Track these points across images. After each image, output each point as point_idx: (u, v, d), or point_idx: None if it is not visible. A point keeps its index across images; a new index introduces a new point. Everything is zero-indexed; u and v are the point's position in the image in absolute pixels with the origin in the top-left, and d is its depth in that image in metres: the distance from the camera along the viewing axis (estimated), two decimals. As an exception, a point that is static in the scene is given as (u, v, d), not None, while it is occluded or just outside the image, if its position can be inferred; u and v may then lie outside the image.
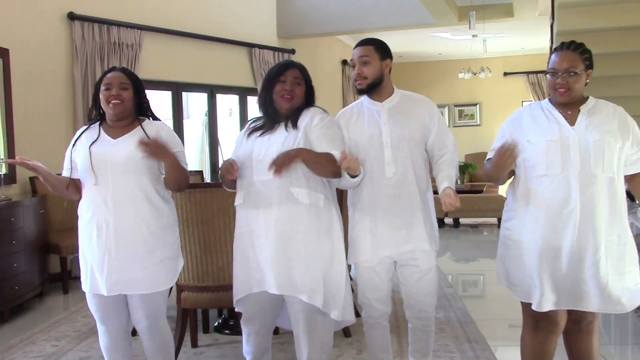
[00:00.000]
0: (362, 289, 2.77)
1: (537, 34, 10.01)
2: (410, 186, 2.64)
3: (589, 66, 2.45)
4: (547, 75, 2.47)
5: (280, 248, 2.54)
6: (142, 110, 2.74)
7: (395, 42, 10.96)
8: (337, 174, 2.52)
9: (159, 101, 7.34)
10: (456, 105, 13.53)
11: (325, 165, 2.49)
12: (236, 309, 2.77)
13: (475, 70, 11.32)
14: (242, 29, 8.07)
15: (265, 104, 2.65)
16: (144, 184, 2.59)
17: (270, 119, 2.63)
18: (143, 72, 6.46)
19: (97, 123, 2.70)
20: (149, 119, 2.75)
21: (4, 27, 5.29)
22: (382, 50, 2.66)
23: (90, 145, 2.61)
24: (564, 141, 2.40)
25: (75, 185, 2.68)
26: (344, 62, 10.89)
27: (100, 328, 2.75)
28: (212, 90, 7.76)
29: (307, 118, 2.60)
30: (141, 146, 2.45)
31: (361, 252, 2.70)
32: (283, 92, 2.60)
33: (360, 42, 2.68)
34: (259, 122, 2.70)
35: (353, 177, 2.54)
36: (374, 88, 2.66)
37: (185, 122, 7.60)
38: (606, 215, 2.38)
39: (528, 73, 12.83)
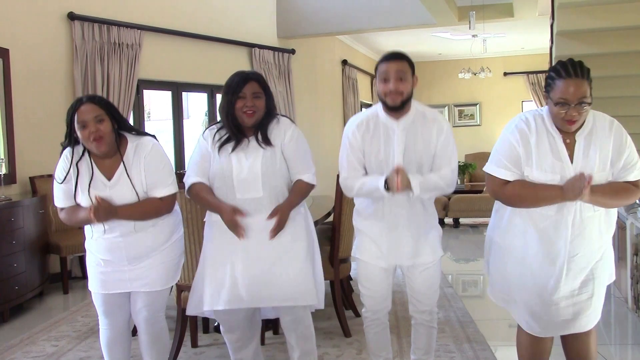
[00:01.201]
0: (364, 283, 2.80)
1: (537, 34, 10.01)
2: (415, 202, 2.68)
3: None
4: (553, 105, 2.28)
5: (275, 259, 2.65)
6: (124, 128, 2.66)
7: (395, 42, 10.98)
8: (310, 191, 2.77)
9: (159, 101, 7.35)
10: (456, 105, 13.54)
11: (301, 200, 2.75)
12: (208, 315, 2.87)
13: (475, 70, 11.32)
14: (242, 29, 8.07)
15: (228, 118, 2.66)
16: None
17: (235, 134, 2.66)
18: (143, 72, 6.46)
19: (85, 151, 2.61)
20: (133, 133, 2.68)
21: (4, 27, 5.29)
22: (412, 66, 2.63)
23: (89, 188, 2.57)
24: (563, 182, 2.30)
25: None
26: (344, 62, 10.89)
27: (103, 322, 2.78)
28: (212, 90, 7.75)
29: (281, 133, 2.68)
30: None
31: (366, 250, 2.76)
32: (245, 109, 2.60)
33: (394, 56, 2.61)
34: (224, 133, 2.69)
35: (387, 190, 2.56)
36: (405, 105, 2.62)
37: (185, 122, 7.61)
38: (597, 246, 2.39)
39: (528, 73, 12.84)
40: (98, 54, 6.01)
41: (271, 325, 3.82)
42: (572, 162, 2.32)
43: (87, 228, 2.67)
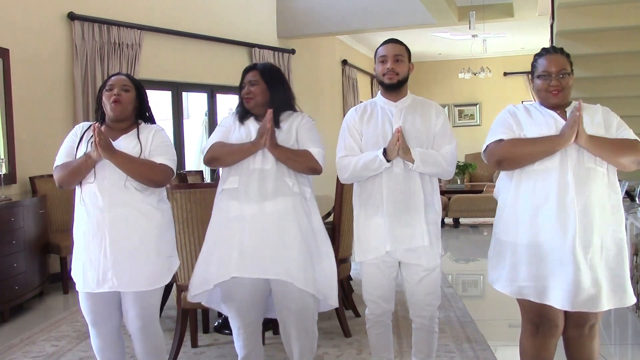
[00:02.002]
0: (366, 286, 2.80)
1: (537, 34, 10.01)
2: (415, 184, 2.69)
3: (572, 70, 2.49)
4: (537, 80, 2.48)
5: (277, 236, 2.65)
6: (144, 116, 2.79)
7: (395, 42, 10.95)
8: (313, 170, 2.72)
9: (159, 101, 7.35)
10: (456, 105, 13.55)
11: (298, 161, 2.70)
12: (208, 304, 2.88)
13: (475, 70, 11.33)
14: (242, 29, 8.07)
15: (241, 104, 2.87)
16: (139, 184, 2.62)
17: (242, 117, 2.83)
18: (143, 72, 6.47)
19: (99, 124, 2.71)
20: (149, 123, 2.80)
21: (4, 27, 5.29)
22: (409, 53, 2.80)
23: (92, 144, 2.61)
24: None
25: None
26: (344, 62, 10.89)
27: (91, 331, 2.75)
28: (212, 90, 7.75)
29: (298, 119, 2.81)
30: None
31: (368, 249, 2.74)
32: (243, 95, 2.82)
33: (392, 40, 2.77)
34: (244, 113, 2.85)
35: (388, 161, 2.62)
36: (400, 86, 2.74)
37: (185, 122, 7.61)
38: (608, 209, 2.38)
39: (528, 73, 12.77)
40: (98, 54, 6.01)
41: (271, 325, 3.82)
42: None
43: (77, 194, 2.65)
